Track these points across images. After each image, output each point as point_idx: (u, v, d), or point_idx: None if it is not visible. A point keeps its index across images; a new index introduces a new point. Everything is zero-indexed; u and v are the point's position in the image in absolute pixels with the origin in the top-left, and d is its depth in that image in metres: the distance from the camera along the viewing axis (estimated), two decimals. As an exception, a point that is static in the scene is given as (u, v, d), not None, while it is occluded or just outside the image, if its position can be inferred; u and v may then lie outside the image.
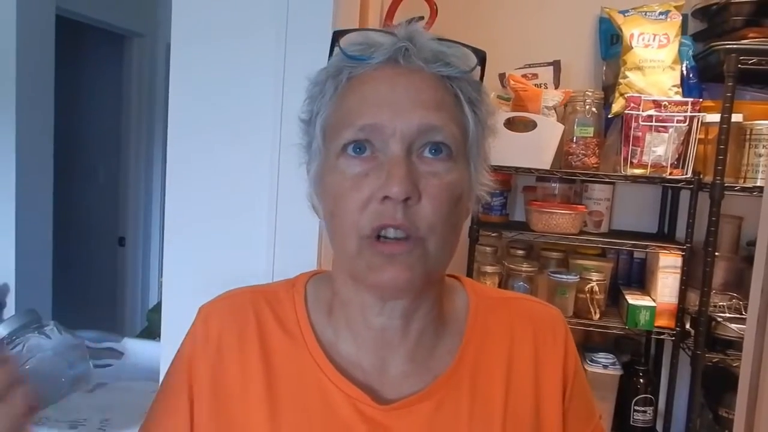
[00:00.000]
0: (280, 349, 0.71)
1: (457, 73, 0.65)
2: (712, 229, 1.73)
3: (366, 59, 0.64)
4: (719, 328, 1.79)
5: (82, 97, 3.71)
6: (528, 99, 1.90)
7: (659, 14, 1.83)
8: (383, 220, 0.61)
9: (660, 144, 1.78)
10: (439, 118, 0.63)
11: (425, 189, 0.62)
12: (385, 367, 0.70)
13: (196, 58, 1.05)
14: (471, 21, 2.15)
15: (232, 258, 1.08)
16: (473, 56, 0.66)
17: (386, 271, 0.62)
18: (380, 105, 0.62)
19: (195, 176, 1.07)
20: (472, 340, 0.73)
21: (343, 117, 0.64)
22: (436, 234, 0.62)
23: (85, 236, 3.71)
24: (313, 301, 0.74)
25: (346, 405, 0.67)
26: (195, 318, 0.75)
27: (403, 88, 0.63)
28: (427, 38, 0.65)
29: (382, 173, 0.61)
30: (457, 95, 0.65)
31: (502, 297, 0.80)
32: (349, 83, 0.65)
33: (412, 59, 0.63)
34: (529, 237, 1.96)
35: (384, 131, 0.62)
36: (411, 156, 0.62)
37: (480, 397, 0.70)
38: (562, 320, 0.77)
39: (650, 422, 1.97)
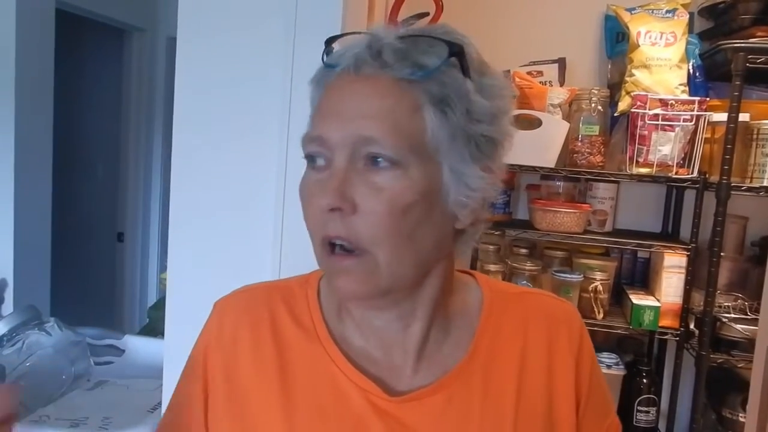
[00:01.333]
0: (295, 343, 0.72)
1: (418, 77, 0.61)
2: (717, 229, 1.72)
3: (333, 66, 0.64)
4: (724, 329, 1.78)
5: (82, 92, 3.68)
6: (533, 96, 1.89)
7: (666, 12, 1.81)
8: (327, 231, 0.62)
9: (666, 143, 1.77)
10: (378, 128, 0.60)
11: (362, 201, 0.61)
12: (395, 362, 0.71)
13: (203, 51, 1.04)
14: (476, 18, 2.14)
15: (238, 253, 1.06)
16: (446, 49, 0.61)
17: (338, 279, 0.64)
18: (327, 116, 0.63)
19: (200, 170, 1.06)
20: (485, 334, 0.72)
21: (309, 128, 0.66)
22: (383, 247, 0.61)
23: (83, 232, 3.69)
24: (325, 297, 0.75)
25: (359, 397, 0.68)
26: (210, 313, 0.77)
27: (350, 97, 0.62)
28: (392, 38, 0.62)
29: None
30: (416, 98, 0.61)
31: (517, 292, 0.80)
32: (322, 92, 0.66)
33: (362, 67, 0.62)
34: (532, 235, 1.94)
35: (329, 142, 0.62)
36: (356, 165, 0.62)
37: (492, 392, 0.70)
38: (577, 316, 0.77)
39: (653, 422, 1.96)
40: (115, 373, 1.51)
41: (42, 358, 1.36)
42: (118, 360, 1.55)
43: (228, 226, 1.06)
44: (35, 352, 1.37)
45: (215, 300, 1.08)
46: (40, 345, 1.38)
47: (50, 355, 1.37)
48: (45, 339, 1.40)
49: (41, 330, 1.41)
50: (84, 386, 1.42)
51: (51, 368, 1.36)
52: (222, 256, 1.07)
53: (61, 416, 1.27)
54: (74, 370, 1.39)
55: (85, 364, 1.44)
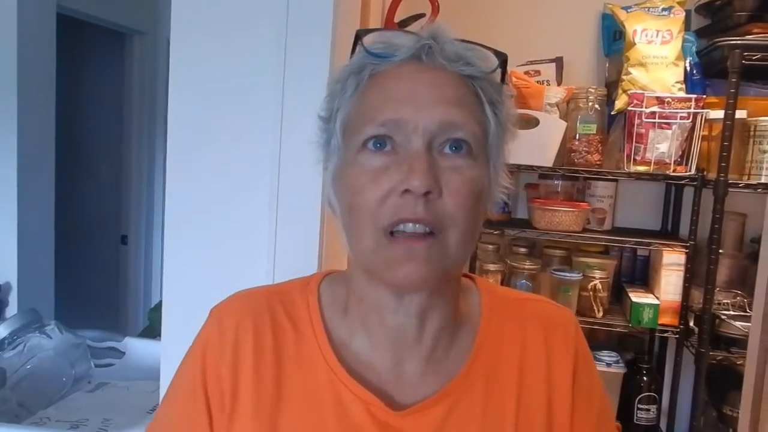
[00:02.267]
0: (294, 352, 0.70)
1: (478, 73, 0.65)
2: (716, 226, 1.72)
3: (388, 56, 0.64)
4: (723, 326, 1.78)
5: (84, 96, 3.70)
6: (530, 96, 1.89)
7: (662, 10, 1.82)
8: (402, 214, 0.61)
9: (663, 141, 1.77)
10: (461, 115, 0.62)
11: (447, 184, 0.61)
12: (401, 367, 0.70)
13: (196, 54, 1.05)
14: (473, 17, 2.14)
15: (233, 257, 1.07)
16: (494, 58, 0.66)
17: (403, 266, 0.61)
18: (402, 100, 0.62)
19: (195, 175, 1.06)
20: (485, 341, 0.72)
21: (365, 113, 0.64)
22: (458, 229, 0.62)
23: (87, 235, 3.71)
24: (327, 301, 0.74)
25: (360, 409, 0.67)
26: (207, 319, 0.74)
27: (425, 85, 0.63)
28: (450, 38, 0.65)
29: (403, 167, 0.61)
30: (478, 95, 0.65)
31: (515, 298, 0.79)
32: (370, 80, 0.65)
33: (435, 57, 0.64)
34: (531, 235, 1.95)
35: (406, 126, 0.62)
36: (432, 151, 0.62)
37: (493, 399, 0.69)
38: (573, 321, 0.76)
39: (654, 420, 1.97)
40: (115, 375, 1.52)
41: (43, 360, 1.37)
42: (118, 362, 1.56)
43: (223, 228, 1.07)
44: (36, 355, 1.39)
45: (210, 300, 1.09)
46: (41, 348, 1.39)
47: (51, 358, 1.38)
48: (46, 342, 1.41)
49: (42, 333, 1.42)
50: (85, 388, 1.44)
51: (51, 370, 1.37)
52: (217, 257, 1.07)
53: (61, 418, 1.28)
54: (75, 372, 1.40)
55: (86, 367, 1.45)
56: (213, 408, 0.69)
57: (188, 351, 0.74)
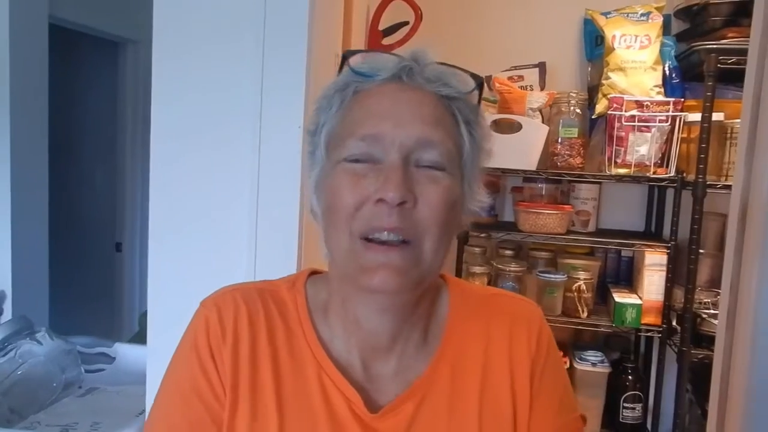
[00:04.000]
0: (286, 346, 0.73)
1: (455, 94, 0.69)
2: (695, 227, 1.75)
3: (372, 76, 0.69)
4: (704, 325, 1.81)
5: (77, 104, 3.73)
6: (513, 101, 1.93)
7: (641, 15, 1.85)
8: (377, 222, 0.64)
9: (643, 143, 1.81)
10: (437, 133, 0.66)
11: (421, 194, 0.65)
12: (374, 367, 0.73)
13: (177, 68, 1.08)
14: (456, 24, 2.18)
15: (215, 264, 1.10)
16: (471, 80, 0.71)
17: (378, 273, 0.64)
18: (383, 117, 0.66)
19: (177, 185, 1.09)
20: (451, 338, 0.75)
21: (347, 127, 0.68)
22: (432, 237, 0.65)
23: (81, 242, 3.73)
24: (312, 301, 0.76)
25: (344, 406, 0.70)
26: (200, 309, 0.75)
27: (405, 103, 0.67)
28: (431, 61, 0.69)
29: (380, 177, 0.64)
30: (455, 115, 0.69)
31: (484, 294, 0.82)
32: (354, 97, 0.69)
33: (415, 77, 0.68)
34: (517, 237, 1.98)
35: (384, 141, 0.65)
36: (408, 165, 0.65)
37: (458, 394, 0.72)
38: (538, 315, 0.79)
39: (640, 419, 1.99)
40: (106, 380, 1.55)
41: (33, 366, 1.40)
42: (109, 367, 1.59)
43: (205, 236, 1.10)
44: (27, 361, 1.41)
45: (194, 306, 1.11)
46: (32, 354, 1.42)
47: (41, 364, 1.40)
48: (37, 348, 1.44)
49: (33, 339, 1.45)
50: (75, 393, 1.46)
51: (42, 376, 1.40)
52: (200, 264, 1.10)
53: (51, 422, 1.31)
54: (65, 377, 1.43)
55: (76, 372, 1.47)
56: (218, 392, 0.70)
57: (184, 340, 0.74)
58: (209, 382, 0.71)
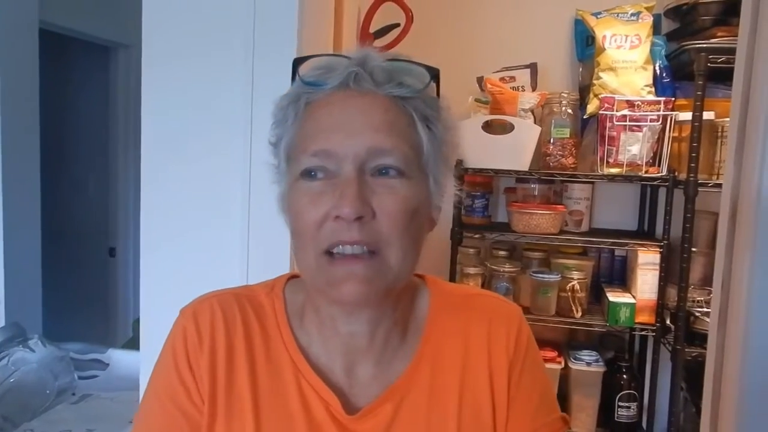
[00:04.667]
0: (264, 351, 0.73)
1: (408, 93, 0.67)
2: (687, 225, 1.76)
3: (321, 85, 0.67)
4: (698, 323, 1.81)
5: (69, 109, 3.72)
6: (505, 102, 1.93)
7: (631, 15, 1.86)
8: (339, 237, 0.64)
9: (635, 143, 1.81)
10: (389, 139, 0.65)
11: (379, 205, 0.64)
12: (353, 371, 0.73)
13: (166, 72, 1.07)
14: (448, 26, 2.18)
15: (207, 269, 1.10)
16: (426, 73, 0.69)
17: (344, 286, 0.65)
18: (332, 130, 0.65)
19: (168, 190, 1.09)
20: (430, 339, 0.75)
21: (300, 143, 0.68)
22: (395, 247, 0.65)
23: (75, 248, 3.72)
24: (290, 305, 0.77)
25: (322, 409, 0.70)
26: (179, 319, 0.75)
27: (354, 111, 0.66)
28: (380, 60, 0.68)
29: (336, 193, 0.64)
30: (410, 114, 0.68)
31: (463, 294, 0.82)
32: (307, 109, 0.68)
33: (362, 83, 0.66)
34: (510, 238, 1.98)
35: (336, 155, 0.65)
36: (364, 176, 0.65)
37: (437, 394, 0.73)
38: (517, 315, 0.79)
39: (635, 417, 2.00)
40: (100, 386, 1.54)
41: (26, 373, 1.39)
42: (102, 374, 1.58)
43: (197, 239, 1.10)
44: (20, 368, 1.40)
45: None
46: (25, 361, 1.41)
47: (34, 371, 1.40)
48: (29, 355, 1.43)
49: (25, 347, 1.44)
50: (69, 400, 1.46)
51: (35, 383, 1.39)
52: (192, 271, 1.10)
53: (44, 430, 1.31)
54: (58, 384, 1.42)
55: (69, 379, 1.47)
56: (195, 400, 0.71)
57: (163, 351, 0.75)
58: (187, 391, 0.71)
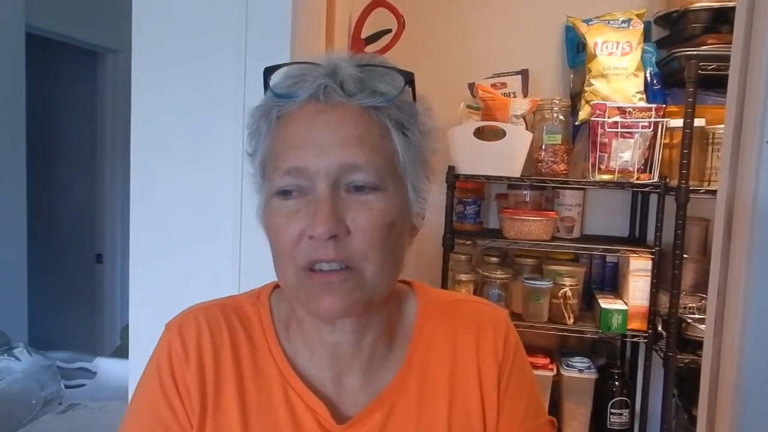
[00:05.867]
0: (251, 362, 0.72)
1: (382, 102, 0.65)
2: (679, 232, 1.76)
3: (291, 97, 0.65)
4: (690, 329, 1.81)
5: (56, 115, 3.69)
6: (496, 108, 1.93)
7: (622, 22, 1.86)
8: (315, 256, 0.63)
9: (626, 149, 1.82)
10: (361, 154, 0.64)
11: (354, 222, 0.63)
12: (341, 380, 0.72)
13: (157, 77, 1.06)
14: (439, 32, 2.18)
15: (198, 276, 1.08)
16: (401, 78, 0.67)
17: (323, 299, 0.64)
18: (302, 146, 0.64)
19: (158, 196, 1.08)
20: (418, 346, 0.75)
21: (273, 159, 0.66)
22: (371, 263, 0.64)
23: (61, 254, 3.68)
24: (276, 315, 0.76)
25: (310, 419, 0.70)
26: (164, 333, 0.75)
27: (324, 126, 0.64)
28: (351, 68, 0.65)
29: (310, 210, 0.63)
30: (384, 124, 0.66)
31: (451, 300, 0.81)
32: (277, 123, 0.67)
33: (332, 95, 0.64)
34: (502, 244, 1.98)
35: (307, 172, 0.63)
36: (338, 192, 0.64)
37: (427, 401, 0.72)
38: (505, 320, 0.79)
39: (627, 424, 1.99)
40: (87, 395, 1.52)
41: (11, 383, 1.36)
42: (90, 382, 1.55)
43: (188, 245, 1.08)
44: (4, 378, 1.38)
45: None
46: (10, 370, 1.39)
47: (20, 380, 1.37)
48: (14, 364, 1.40)
49: (11, 355, 1.41)
50: (55, 410, 1.43)
51: (20, 393, 1.36)
52: (182, 278, 1.08)
53: (30, 441, 1.28)
54: (44, 394, 1.39)
55: (56, 388, 1.44)
56: (181, 419, 0.70)
57: (148, 367, 0.74)
58: (172, 410, 0.70)
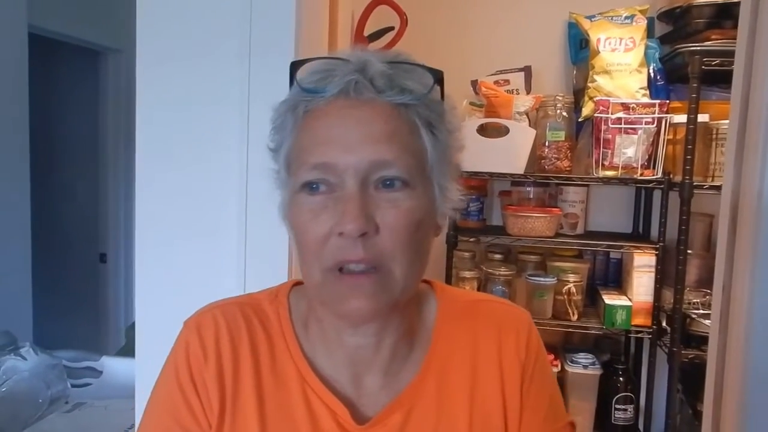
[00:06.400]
0: (269, 361, 0.72)
1: (411, 100, 0.64)
2: (683, 227, 1.76)
3: (319, 92, 0.64)
4: (694, 325, 1.81)
5: (59, 115, 3.69)
6: (499, 105, 1.92)
7: (625, 18, 1.86)
8: (344, 256, 0.62)
9: (630, 146, 1.81)
10: (391, 151, 0.63)
11: (383, 220, 0.62)
12: (360, 381, 0.72)
13: (162, 75, 1.06)
14: (442, 29, 2.18)
15: (204, 274, 1.08)
16: (429, 76, 0.66)
17: (351, 301, 0.63)
18: (331, 142, 0.63)
19: (163, 194, 1.08)
20: (437, 346, 0.74)
21: (300, 154, 0.65)
22: (399, 262, 0.64)
23: (65, 254, 3.69)
24: (295, 313, 0.75)
25: (329, 419, 0.69)
26: (183, 331, 0.74)
27: (353, 122, 0.63)
28: (381, 64, 0.64)
29: (338, 208, 0.62)
30: (413, 121, 0.65)
31: (471, 300, 0.80)
32: (305, 117, 0.66)
33: (363, 91, 0.63)
34: (506, 241, 1.98)
35: (336, 168, 0.62)
36: (367, 188, 0.63)
37: (446, 402, 0.71)
38: (527, 320, 0.78)
39: (631, 420, 2.00)
40: (93, 394, 1.52)
41: (18, 382, 1.37)
42: (96, 381, 1.56)
43: (193, 243, 1.08)
44: (11, 377, 1.38)
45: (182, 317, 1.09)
46: (16, 370, 1.39)
47: (26, 380, 1.37)
48: (21, 364, 1.41)
49: (17, 355, 1.41)
50: (61, 409, 1.43)
51: (27, 392, 1.37)
52: (188, 276, 1.09)
53: (37, 440, 1.28)
54: (50, 393, 1.40)
55: (62, 387, 1.44)
56: (200, 419, 0.70)
57: (166, 365, 0.74)
58: (191, 410, 0.70)
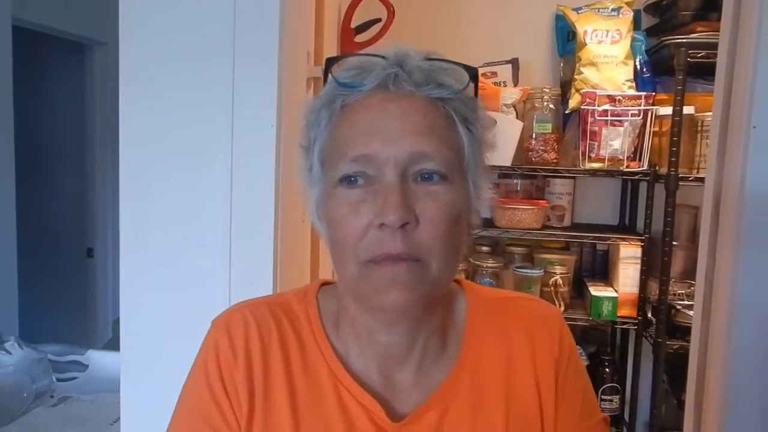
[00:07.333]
0: (300, 361, 0.71)
1: (448, 94, 0.65)
2: (668, 219, 1.77)
3: (357, 86, 0.64)
4: (679, 316, 1.83)
5: (44, 108, 3.65)
6: (486, 97, 1.92)
7: (611, 11, 1.87)
8: (383, 249, 0.62)
9: (616, 138, 1.82)
10: (430, 143, 0.63)
11: (422, 212, 0.62)
12: (393, 379, 0.71)
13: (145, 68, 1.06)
14: (429, 21, 2.18)
15: (188, 269, 1.08)
16: (465, 73, 0.66)
17: (389, 292, 0.62)
18: (371, 134, 0.63)
19: (148, 189, 1.07)
20: (470, 344, 0.73)
21: (337, 147, 0.65)
22: (437, 256, 0.63)
23: (52, 248, 3.66)
24: (324, 313, 0.74)
25: (364, 417, 0.68)
26: (211, 330, 0.73)
27: (393, 115, 0.63)
28: (418, 59, 0.65)
29: (378, 200, 0.62)
30: (450, 116, 0.65)
31: (501, 298, 0.80)
32: (342, 111, 0.66)
33: (402, 84, 0.63)
34: (493, 233, 1.98)
35: (377, 160, 0.62)
36: (407, 181, 0.62)
37: (482, 400, 0.71)
38: (558, 317, 0.78)
39: (617, 410, 2.02)
40: (79, 388, 1.51)
41: (2, 377, 1.36)
42: (82, 375, 1.55)
43: (178, 238, 1.08)
44: (-4, 372, 1.37)
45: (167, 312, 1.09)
46: (1, 364, 1.38)
47: (11, 374, 1.37)
48: (5, 358, 1.40)
49: (1, 349, 1.41)
50: (47, 403, 1.43)
51: (12, 387, 1.36)
52: (173, 270, 1.08)
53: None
54: (36, 387, 1.39)
55: (48, 381, 1.44)
56: (229, 419, 0.69)
57: (195, 365, 0.73)
58: (220, 410, 0.69)
